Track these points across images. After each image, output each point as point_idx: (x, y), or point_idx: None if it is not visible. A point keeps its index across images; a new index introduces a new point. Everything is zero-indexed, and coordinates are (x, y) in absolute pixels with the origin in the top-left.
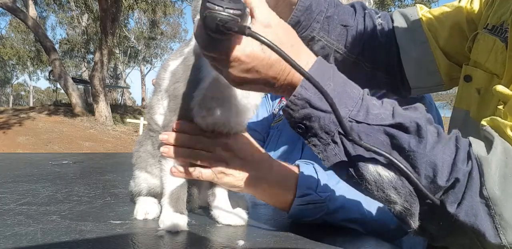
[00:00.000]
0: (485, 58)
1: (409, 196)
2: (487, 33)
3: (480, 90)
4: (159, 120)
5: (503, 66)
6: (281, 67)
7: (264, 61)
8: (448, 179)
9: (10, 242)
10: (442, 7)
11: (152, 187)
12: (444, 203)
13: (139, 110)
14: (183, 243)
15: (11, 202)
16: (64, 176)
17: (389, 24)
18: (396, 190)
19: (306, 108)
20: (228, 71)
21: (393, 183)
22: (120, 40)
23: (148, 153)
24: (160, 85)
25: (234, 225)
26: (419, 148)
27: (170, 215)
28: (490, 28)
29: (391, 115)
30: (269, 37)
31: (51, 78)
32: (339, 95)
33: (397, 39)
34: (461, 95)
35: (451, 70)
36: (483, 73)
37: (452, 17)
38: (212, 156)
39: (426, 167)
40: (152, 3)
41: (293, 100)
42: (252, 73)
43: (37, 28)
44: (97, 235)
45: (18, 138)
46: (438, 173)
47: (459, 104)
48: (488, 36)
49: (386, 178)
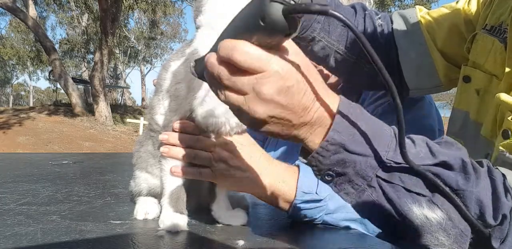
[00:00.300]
0: (484, 59)
1: (460, 236)
2: (486, 34)
3: (480, 91)
4: (160, 120)
5: (502, 66)
6: (311, 96)
7: (301, 84)
8: (496, 216)
9: (10, 242)
10: (441, 9)
11: (153, 187)
12: (490, 238)
13: (139, 110)
14: (183, 243)
15: (11, 202)
16: (64, 176)
17: (389, 25)
18: (445, 232)
19: (340, 153)
20: (258, 91)
21: (442, 225)
22: (120, 40)
23: (148, 153)
24: (161, 85)
25: (234, 225)
26: (467, 186)
27: (170, 215)
28: (489, 29)
29: (429, 153)
30: (299, 63)
31: (51, 78)
32: (373, 135)
33: (396, 40)
34: (460, 96)
35: (450, 71)
36: (482, 74)
37: (450, 18)
38: (212, 156)
39: (474, 205)
40: (152, 3)
41: (325, 146)
42: (286, 96)
43: (37, 28)
44: (97, 235)
45: (18, 138)
46: (486, 210)
47: (459, 105)
48: (486, 37)
49: (435, 220)
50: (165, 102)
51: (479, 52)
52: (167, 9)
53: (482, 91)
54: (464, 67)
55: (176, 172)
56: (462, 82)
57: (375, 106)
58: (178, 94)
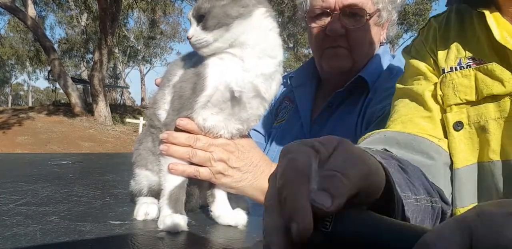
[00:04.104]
0: (469, 90)
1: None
2: (453, 71)
3: (485, 126)
4: (162, 115)
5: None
6: None
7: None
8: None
9: (9, 242)
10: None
11: (153, 184)
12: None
13: (139, 110)
14: (183, 243)
15: (10, 202)
16: (63, 176)
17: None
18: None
19: None
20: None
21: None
22: (119, 39)
23: (148, 150)
24: (169, 80)
25: (234, 225)
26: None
27: (169, 216)
28: (449, 70)
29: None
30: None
31: (50, 78)
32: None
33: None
34: (458, 148)
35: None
36: (474, 107)
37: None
38: (211, 156)
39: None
40: (151, 3)
41: None
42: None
43: (36, 27)
44: (97, 236)
45: (17, 138)
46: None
47: (466, 160)
48: (458, 72)
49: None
50: (168, 97)
51: (464, 89)
52: (167, 8)
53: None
54: (446, 115)
55: (174, 169)
56: (453, 132)
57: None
58: (182, 93)
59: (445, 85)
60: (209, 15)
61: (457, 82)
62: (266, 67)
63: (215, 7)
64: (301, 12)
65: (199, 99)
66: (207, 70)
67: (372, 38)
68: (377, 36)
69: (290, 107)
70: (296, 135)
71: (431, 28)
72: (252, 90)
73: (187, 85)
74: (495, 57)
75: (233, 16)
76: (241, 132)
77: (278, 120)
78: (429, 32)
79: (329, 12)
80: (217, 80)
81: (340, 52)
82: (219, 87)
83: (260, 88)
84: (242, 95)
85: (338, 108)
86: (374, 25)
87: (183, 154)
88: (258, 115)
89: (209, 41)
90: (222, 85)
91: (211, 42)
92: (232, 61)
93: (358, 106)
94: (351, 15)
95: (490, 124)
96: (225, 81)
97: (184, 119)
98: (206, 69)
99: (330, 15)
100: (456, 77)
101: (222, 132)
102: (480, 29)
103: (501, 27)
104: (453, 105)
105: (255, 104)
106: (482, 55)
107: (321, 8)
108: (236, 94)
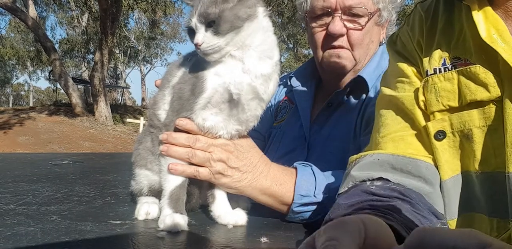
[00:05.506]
0: (452, 96)
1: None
2: (436, 74)
3: (469, 134)
4: (162, 115)
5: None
6: None
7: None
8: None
9: (10, 242)
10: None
11: (153, 184)
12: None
13: (139, 110)
14: (183, 243)
15: (11, 202)
16: (64, 176)
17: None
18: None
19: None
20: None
21: None
22: (120, 40)
23: (147, 150)
24: (169, 81)
25: (234, 225)
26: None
27: (170, 215)
28: (432, 72)
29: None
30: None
31: (51, 78)
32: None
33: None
34: (444, 158)
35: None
36: (459, 114)
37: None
38: (210, 156)
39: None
40: (152, 3)
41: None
42: None
43: (37, 28)
44: (97, 235)
45: (18, 138)
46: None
47: (448, 173)
48: (440, 75)
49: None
50: (168, 98)
51: (447, 94)
52: (167, 9)
53: (487, 128)
54: (429, 124)
55: (173, 169)
56: (435, 143)
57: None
58: (182, 95)
59: (427, 90)
60: (221, 20)
61: (440, 87)
62: (265, 67)
63: (225, 10)
64: (301, 12)
65: (199, 101)
66: (206, 72)
67: (372, 38)
68: (377, 36)
69: (289, 107)
70: (296, 135)
71: (416, 16)
72: (250, 92)
73: (186, 87)
74: (481, 57)
75: (243, 18)
76: (240, 133)
77: (278, 120)
78: (415, 21)
79: (330, 12)
80: (216, 82)
81: (341, 52)
82: (218, 89)
83: (259, 90)
84: (240, 97)
85: (337, 108)
86: (374, 25)
87: (182, 154)
88: (257, 116)
89: (222, 45)
90: (221, 87)
91: (223, 46)
92: (232, 63)
93: (357, 106)
94: (352, 15)
95: (474, 132)
96: (224, 83)
97: (183, 119)
98: (205, 71)
99: (331, 15)
100: (439, 81)
101: (221, 132)
102: (467, 24)
103: (489, 23)
104: (436, 112)
105: (253, 106)
106: (467, 54)
107: (322, 8)
108: (234, 97)
